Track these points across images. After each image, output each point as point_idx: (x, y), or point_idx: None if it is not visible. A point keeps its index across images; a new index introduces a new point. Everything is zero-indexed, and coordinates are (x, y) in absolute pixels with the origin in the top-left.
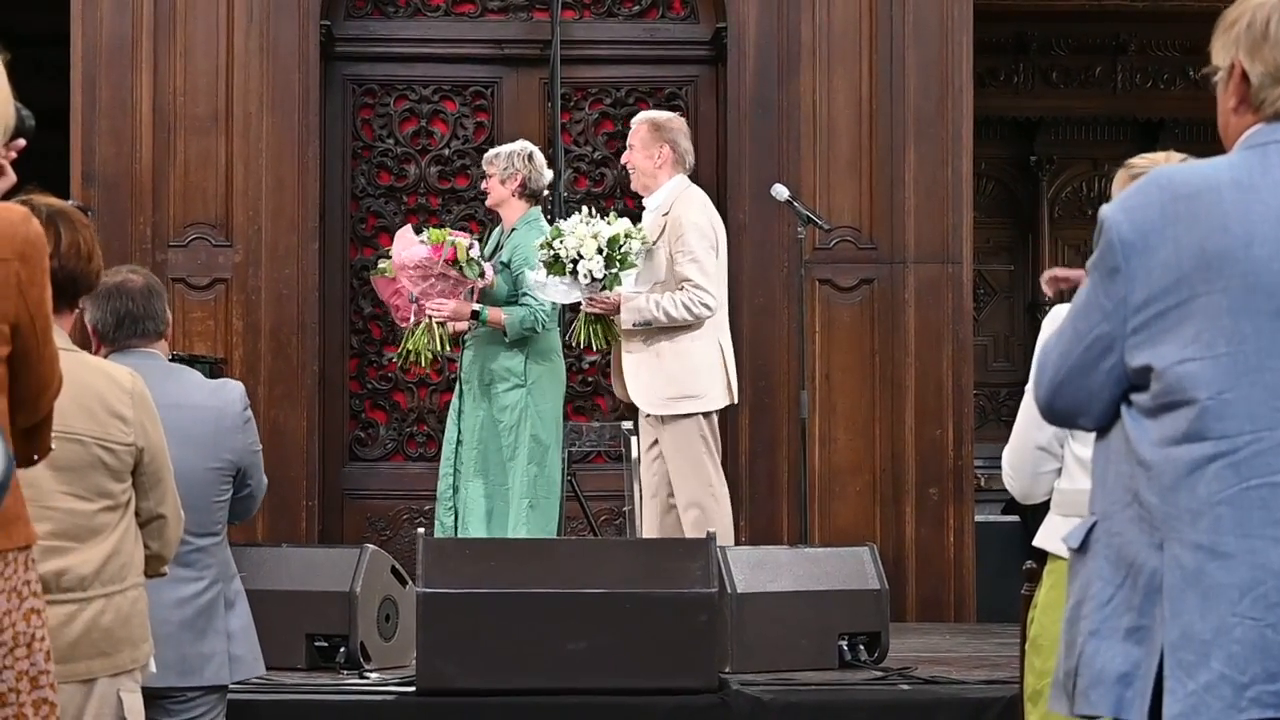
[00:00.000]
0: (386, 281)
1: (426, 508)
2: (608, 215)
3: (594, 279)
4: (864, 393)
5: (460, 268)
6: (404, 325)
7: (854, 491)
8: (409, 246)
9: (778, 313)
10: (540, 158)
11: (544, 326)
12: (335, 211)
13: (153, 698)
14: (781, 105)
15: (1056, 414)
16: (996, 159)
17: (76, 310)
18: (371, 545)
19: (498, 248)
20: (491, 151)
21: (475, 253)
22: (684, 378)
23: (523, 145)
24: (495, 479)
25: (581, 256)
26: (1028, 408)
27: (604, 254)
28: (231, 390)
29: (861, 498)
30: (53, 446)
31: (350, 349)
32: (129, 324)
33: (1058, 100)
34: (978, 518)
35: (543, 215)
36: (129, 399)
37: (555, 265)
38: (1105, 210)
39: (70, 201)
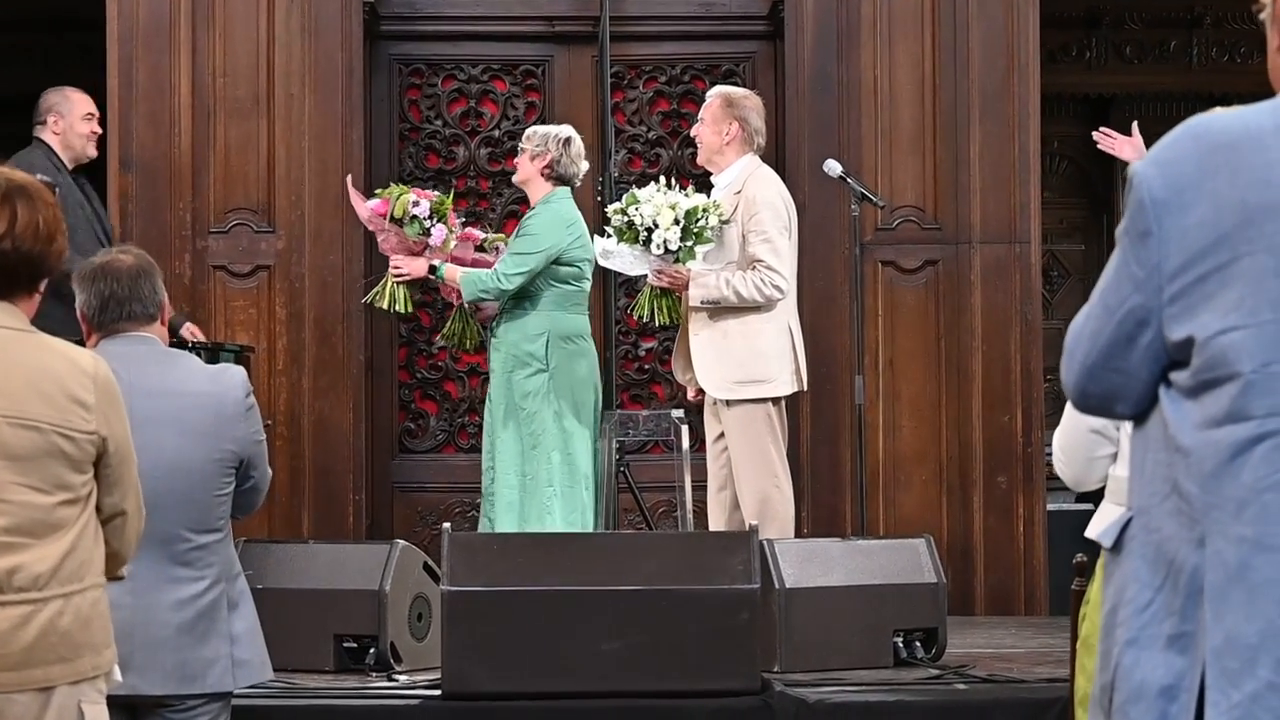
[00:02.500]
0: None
1: (479, 500)
2: (686, 190)
3: (667, 250)
4: (929, 378)
5: (399, 224)
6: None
7: (920, 480)
8: (360, 202)
9: (839, 296)
10: (579, 146)
11: (503, 293)
12: None
13: (151, 706)
14: (841, 81)
15: (1090, 400)
16: (1069, 137)
17: (37, 294)
18: (402, 541)
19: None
20: (531, 129)
21: (421, 211)
22: (751, 361)
23: (564, 129)
24: (522, 469)
25: (657, 225)
26: None
27: (681, 225)
28: (233, 376)
29: (927, 487)
30: None
31: (399, 337)
32: (114, 307)
33: (1131, 76)
34: (1049, 507)
35: (571, 197)
36: (90, 384)
37: (628, 232)
38: (1135, 166)
39: (39, 177)
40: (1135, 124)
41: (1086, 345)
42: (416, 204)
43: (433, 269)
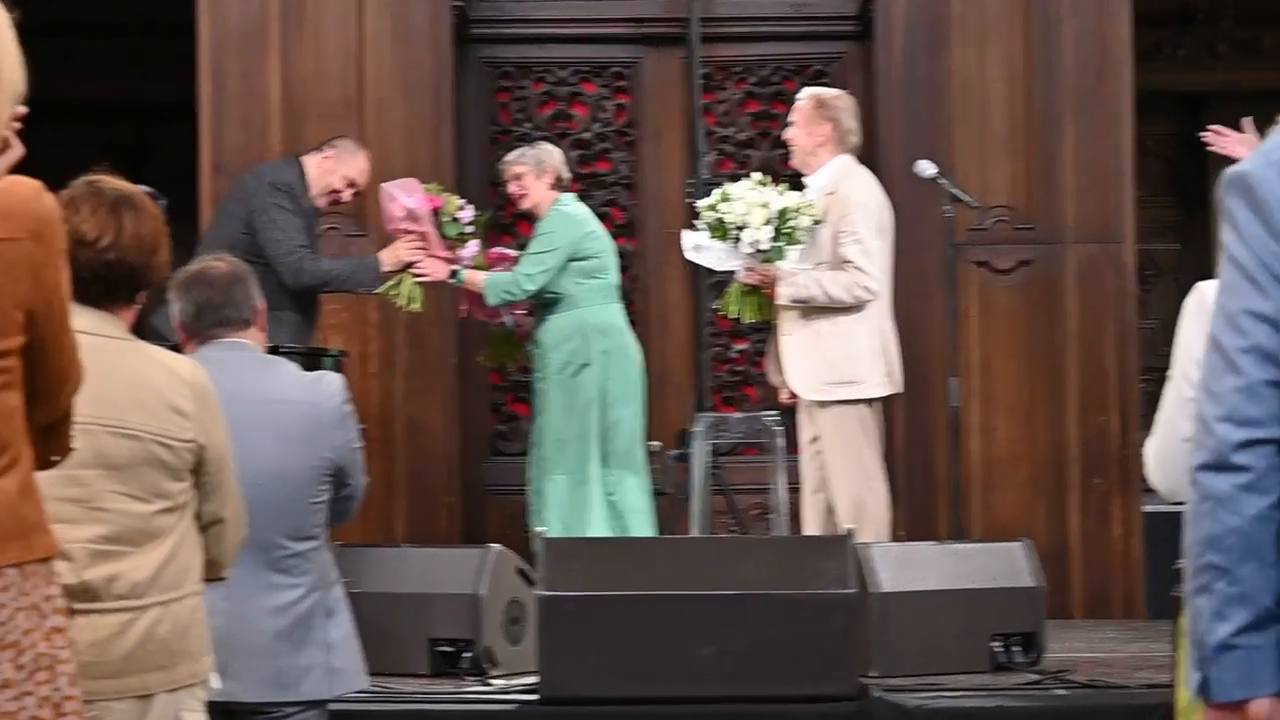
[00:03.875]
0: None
1: None
2: (778, 188)
3: (758, 250)
4: (1024, 379)
5: (441, 221)
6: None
7: (1015, 483)
8: (413, 193)
9: (933, 297)
10: (561, 152)
11: (526, 294)
12: (473, 198)
13: (245, 714)
14: (933, 80)
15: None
16: (1162, 136)
17: (137, 305)
18: (497, 545)
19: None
20: (513, 154)
21: (466, 216)
22: (843, 363)
23: (545, 144)
24: (576, 469)
25: (748, 224)
26: (1173, 394)
27: (772, 225)
28: (330, 383)
29: (1022, 489)
30: (74, 446)
31: None
32: (209, 313)
33: (1225, 74)
34: (1148, 508)
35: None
36: (189, 392)
37: (718, 229)
38: (1246, 169)
39: (142, 187)
40: (1248, 120)
41: (1251, 364)
42: (463, 208)
43: (453, 273)
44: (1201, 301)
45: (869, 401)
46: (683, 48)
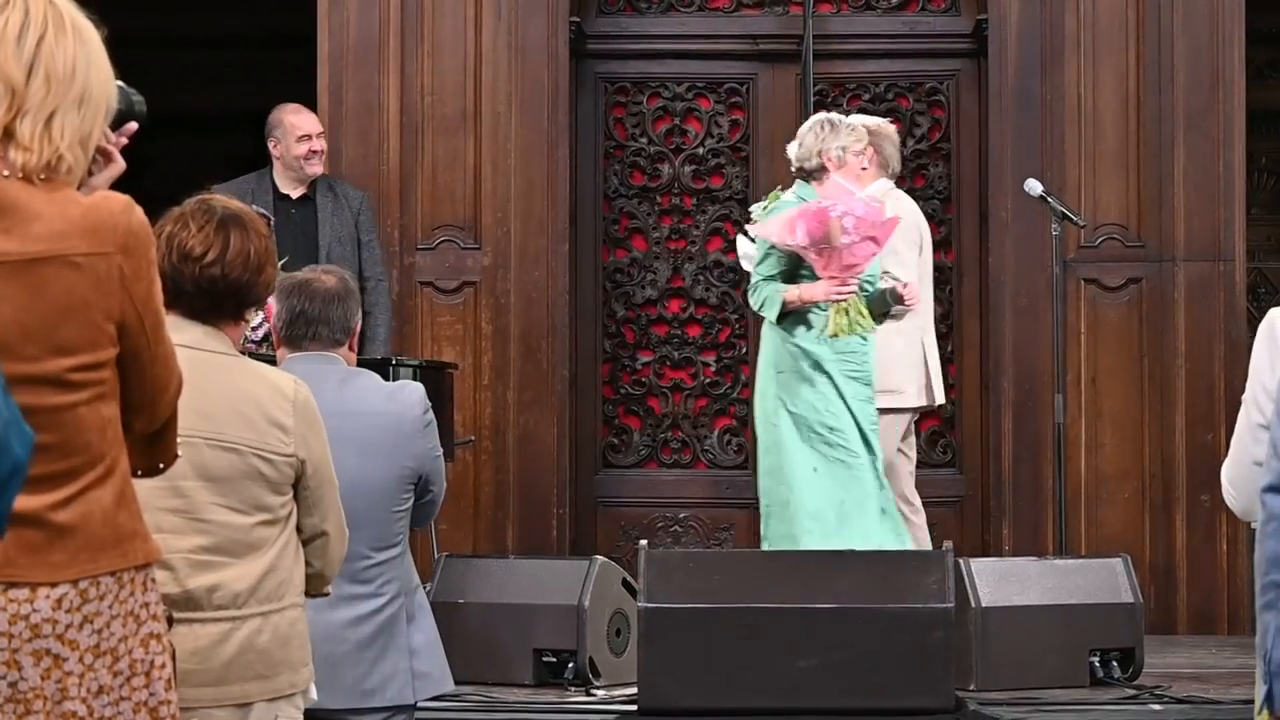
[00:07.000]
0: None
1: (682, 515)
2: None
3: None
4: (1132, 396)
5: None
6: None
7: (1122, 498)
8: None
9: (1041, 313)
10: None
11: None
12: (587, 212)
13: None
14: (1045, 99)
15: None
16: (1276, 153)
17: (244, 321)
18: (601, 557)
19: None
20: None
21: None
22: (880, 373)
23: None
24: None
25: None
26: (1244, 419)
27: None
28: (411, 393)
29: (1130, 505)
30: (179, 453)
31: (603, 353)
32: (303, 325)
33: None
34: (1254, 525)
35: None
36: (290, 407)
37: None
38: None
39: (254, 208)
40: None
41: None
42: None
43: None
44: (1272, 330)
45: (905, 411)
46: (797, 65)
